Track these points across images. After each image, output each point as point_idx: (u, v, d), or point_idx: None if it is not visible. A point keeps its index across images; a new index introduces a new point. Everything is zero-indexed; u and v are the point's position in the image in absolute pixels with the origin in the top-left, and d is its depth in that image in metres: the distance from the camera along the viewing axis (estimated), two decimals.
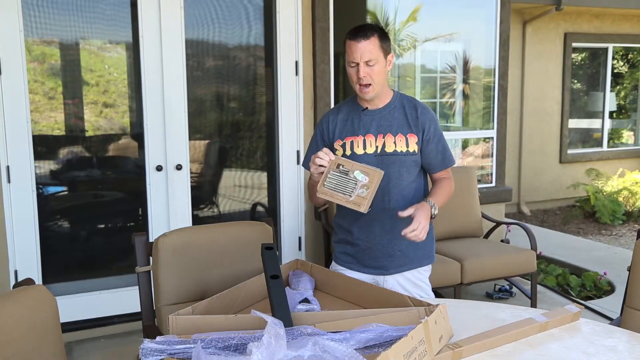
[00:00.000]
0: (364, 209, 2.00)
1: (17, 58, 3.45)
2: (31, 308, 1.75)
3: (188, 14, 3.85)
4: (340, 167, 2.06)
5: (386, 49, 2.21)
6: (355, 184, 2.03)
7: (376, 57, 2.16)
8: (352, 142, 2.28)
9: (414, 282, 2.38)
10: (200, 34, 3.95)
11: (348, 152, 2.28)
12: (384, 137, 2.26)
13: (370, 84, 2.18)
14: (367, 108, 2.30)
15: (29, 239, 3.59)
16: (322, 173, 2.07)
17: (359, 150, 2.27)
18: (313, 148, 2.39)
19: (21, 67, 3.47)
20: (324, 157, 2.07)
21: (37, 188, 3.61)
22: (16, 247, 3.56)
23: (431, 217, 2.17)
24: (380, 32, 2.19)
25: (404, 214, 2.10)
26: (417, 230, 2.06)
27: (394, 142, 2.25)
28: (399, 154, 2.25)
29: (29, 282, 1.89)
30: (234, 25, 4.04)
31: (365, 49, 2.14)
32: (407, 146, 2.26)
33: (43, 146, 3.66)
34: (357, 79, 2.18)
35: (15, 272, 3.57)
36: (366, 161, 2.24)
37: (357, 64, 2.16)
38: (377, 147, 2.26)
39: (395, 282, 2.35)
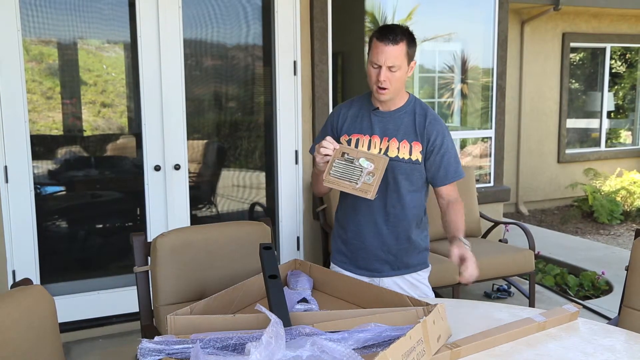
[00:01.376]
0: (370, 195, 1.99)
1: (14, 58, 3.45)
2: (29, 308, 1.74)
3: (186, 14, 3.85)
4: (345, 155, 2.05)
5: (411, 55, 2.17)
6: (361, 171, 2.02)
7: (400, 64, 2.12)
8: (357, 140, 2.26)
9: (412, 282, 2.37)
10: (199, 33, 3.95)
11: None
12: (388, 141, 2.23)
13: (387, 88, 2.15)
14: (377, 108, 2.27)
15: (27, 239, 3.58)
16: (328, 162, 2.06)
17: (363, 150, 2.26)
18: (321, 137, 2.37)
19: (19, 67, 3.46)
20: (329, 145, 2.06)
21: (35, 188, 3.61)
22: (14, 247, 3.55)
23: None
24: (409, 38, 2.15)
25: (455, 259, 2.08)
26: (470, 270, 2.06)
27: (397, 148, 2.22)
28: (400, 161, 2.22)
29: (26, 282, 1.88)
30: (232, 25, 4.04)
31: (391, 54, 2.10)
32: (410, 154, 2.22)
33: (41, 146, 3.66)
34: (377, 81, 2.14)
35: (13, 272, 3.56)
36: None
37: (380, 67, 2.12)
38: (380, 149, 2.23)
39: (392, 282, 2.35)
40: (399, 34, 2.12)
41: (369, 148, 2.24)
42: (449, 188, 2.30)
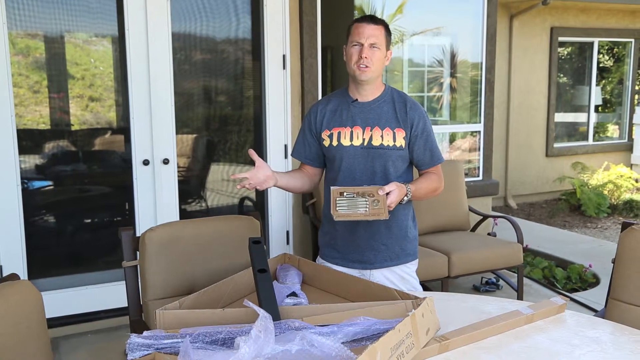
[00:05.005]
0: (385, 216, 2.02)
1: (0, 51, 3.41)
2: (16, 304, 1.73)
3: (174, 7, 3.83)
4: (344, 194, 2.11)
5: (388, 42, 2.26)
6: (366, 201, 2.07)
7: (380, 43, 2.21)
8: (339, 133, 2.29)
9: (402, 275, 2.39)
10: (187, 27, 3.92)
11: (335, 143, 2.28)
12: (371, 130, 2.26)
13: (368, 66, 2.20)
14: (356, 100, 2.30)
15: (14, 234, 3.55)
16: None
17: (346, 142, 2.27)
18: (301, 138, 2.41)
19: (5, 60, 3.43)
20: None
21: (22, 183, 3.58)
22: (1, 242, 3.52)
23: (401, 201, 2.15)
24: (387, 26, 2.26)
25: (384, 190, 2.07)
26: (384, 191, 2.06)
27: (381, 136, 2.25)
28: (385, 148, 2.25)
29: (14, 277, 1.87)
30: (221, 19, 4.02)
31: (372, 32, 2.19)
32: (394, 140, 2.26)
33: (28, 140, 3.62)
34: (358, 59, 2.20)
35: (0, 267, 3.54)
36: (352, 153, 2.26)
37: (362, 45, 2.19)
38: (364, 139, 2.26)
39: (382, 276, 2.35)
40: (378, 18, 2.24)
41: (351, 139, 2.28)
42: (433, 170, 2.37)
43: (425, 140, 2.30)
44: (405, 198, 2.17)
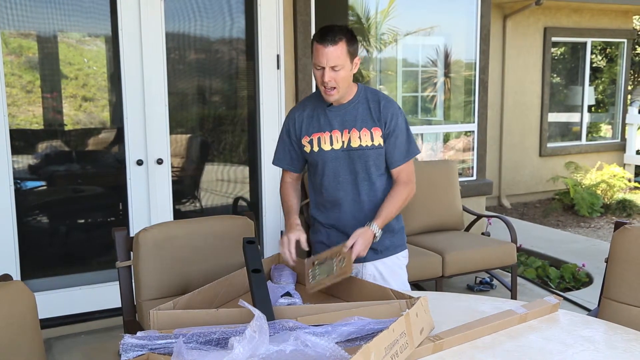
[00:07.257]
0: (349, 272, 2.00)
1: None
2: (9, 304, 1.73)
3: (168, 7, 3.82)
4: (315, 262, 2.12)
5: (353, 53, 2.20)
6: (332, 262, 2.07)
7: (342, 63, 2.15)
8: (319, 139, 2.31)
9: (393, 269, 2.41)
10: (181, 27, 3.91)
11: (315, 149, 2.30)
12: (349, 133, 2.28)
13: (334, 87, 2.19)
14: (332, 104, 2.31)
15: (7, 235, 3.54)
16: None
17: (326, 147, 2.29)
18: (281, 146, 2.43)
19: None
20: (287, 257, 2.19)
21: (15, 183, 3.56)
22: None
23: (374, 238, 2.19)
24: (349, 36, 2.18)
25: (347, 246, 2.10)
26: (347, 247, 2.10)
27: (359, 137, 2.27)
28: (364, 148, 2.27)
29: (6, 278, 1.86)
30: (215, 18, 4.01)
31: (332, 55, 2.13)
32: (372, 140, 2.27)
33: (21, 140, 3.61)
34: (322, 82, 2.18)
35: None
36: (333, 156, 2.29)
37: (323, 68, 2.15)
38: (343, 142, 2.28)
39: (374, 268, 2.38)
40: (338, 33, 2.14)
41: (331, 143, 2.29)
42: (398, 170, 2.33)
43: (397, 137, 2.29)
44: (377, 235, 2.19)
